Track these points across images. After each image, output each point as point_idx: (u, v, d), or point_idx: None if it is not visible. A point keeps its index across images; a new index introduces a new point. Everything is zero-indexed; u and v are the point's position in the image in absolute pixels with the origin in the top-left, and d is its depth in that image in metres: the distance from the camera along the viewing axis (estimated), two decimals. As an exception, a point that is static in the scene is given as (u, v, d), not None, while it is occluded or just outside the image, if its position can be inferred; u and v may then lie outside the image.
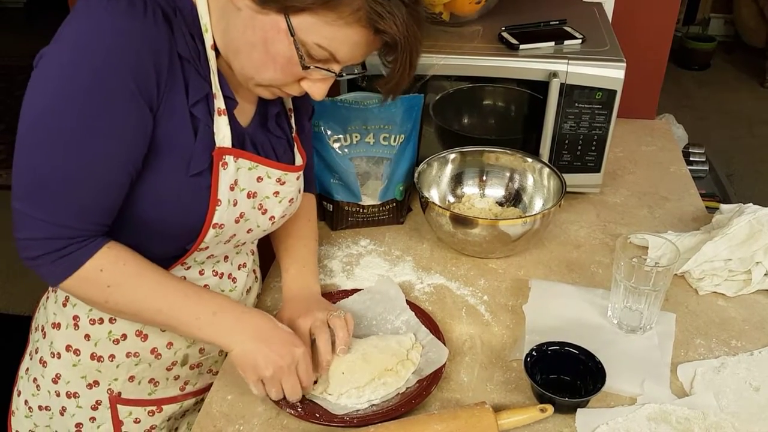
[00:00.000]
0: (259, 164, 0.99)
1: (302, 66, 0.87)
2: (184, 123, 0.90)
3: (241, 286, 1.14)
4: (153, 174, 0.90)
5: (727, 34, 5.01)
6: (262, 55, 0.87)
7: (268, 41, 0.86)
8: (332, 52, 0.87)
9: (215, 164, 0.93)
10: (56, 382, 1.06)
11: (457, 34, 1.45)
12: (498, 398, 1.02)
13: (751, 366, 1.06)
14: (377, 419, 0.96)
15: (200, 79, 0.90)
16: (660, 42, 1.73)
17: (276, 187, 1.03)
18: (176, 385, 1.12)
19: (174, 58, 0.86)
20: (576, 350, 1.02)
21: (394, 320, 1.14)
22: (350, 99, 1.33)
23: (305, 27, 0.84)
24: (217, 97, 0.92)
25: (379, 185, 1.36)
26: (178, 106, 0.88)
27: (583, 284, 1.24)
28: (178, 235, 0.97)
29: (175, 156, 0.90)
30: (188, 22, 0.89)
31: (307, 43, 0.85)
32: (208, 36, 0.90)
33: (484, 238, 1.25)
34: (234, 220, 0.98)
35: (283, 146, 1.06)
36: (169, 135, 0.89)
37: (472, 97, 1.44)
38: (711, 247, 1.22)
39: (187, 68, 0.89)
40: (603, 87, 1.33)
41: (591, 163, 1.43)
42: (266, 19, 0.84)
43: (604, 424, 0.96)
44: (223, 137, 0.93)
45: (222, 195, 0.95)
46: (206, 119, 0.91)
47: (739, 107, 4.24)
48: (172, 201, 0.93)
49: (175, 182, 0.92)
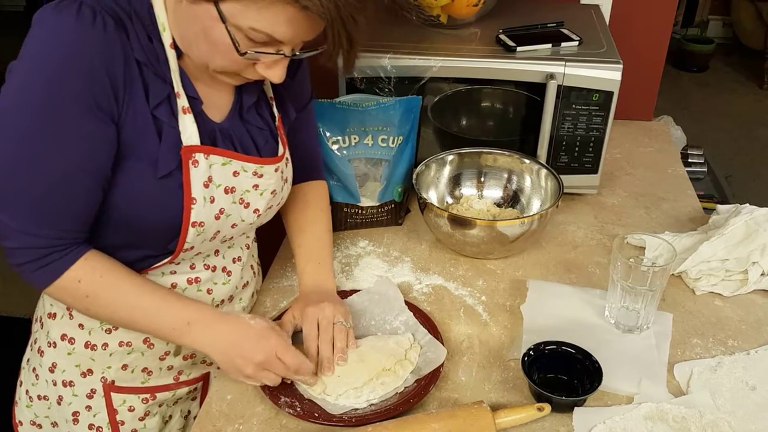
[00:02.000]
0: (233, 159, 0.98)
1: (238, 52, 0.86)
2: (147, 126, 0.90)
3: (236, 279, 1.13)
4: (124, 178, 0.91)
5: (725, 36, 5.03)
6: (206, 45, 0.87)
7: (207, 30, 0.85)
8: (269, 33, 0.85)
9: (185, 163, 0.93)
10: (53, 371, 1.08)
11: (455, 37, 1.46)
12: (496, 397, 1.02)
13: (748, 365, 1.07)
14: (375, 419, 0.97)
15: (160, 81, 0.90)
16: (657, 43, 1.74)
17: (254, 180, 1.02)
18: (170, 375, 1.13)
19: (131, 64, 0.87)
20: (573, 349, 1.03)
21: (392, 320, 1.15)
22: (349, 101, 1.34)
23: (236, 12, 0.83)
24: (181, 96, 0.92)
25: (377, 186, 1.37)
26: (140, 110, 0.89)
27: (580, 284, 1.25)
28: (161, 233, 0.97)
29: (142, 159, 0.91)
30: (145, 24, 0.89)
31: (243, 28, 0.84)
32: (166, 35, 0.90)
33: (482, 238, 1.25)
34: (214, 216, 0.98)
35: (265, 137, 1.05)
36: (134, 140, 0.90)
37: (470, 98, 1.44)
38: (708, 248, 1.23)
39: (146, 72, 0.89)
40: (600, 89, 1.34)
41: (588, 164, 1.43)
42: (200, 9, 0.84)
43: (601, 422, 0.96)
44: (189, 136, 0.93)
45: (196, 193, 0.95)
46: (170, 120, 0.92)
47: (738, 109, 4.25)
48: (147, 202, 0.93)
49: (146, 185, 0.92)
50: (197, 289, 1.07)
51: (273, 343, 0.99)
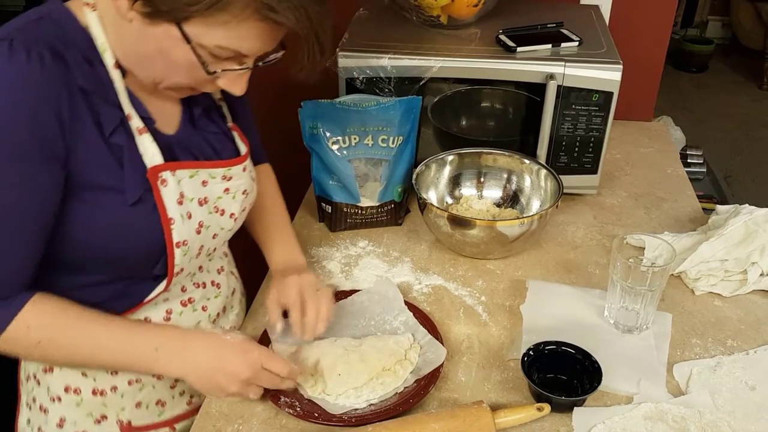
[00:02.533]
0: (199, 168, 0.95)
1: (207, 72, 0.84)
2: (104, 156, 0.86)
3: (225, 289, 1.13)
4: (94, 214, 0.87)
5: (724, 36, 5.03)
6: (162, 65, 0.84)
7: (164, 51, 0.82)
8: (236, 49, 0.83)
9: (154, 185, 0.90)
10: (61, 425, 1.03)
11: (455, 37, 1.46)
12: (495, 397, 1.02)
13: (747, 365, 1.07)
14: (375, 418, 0.97)
15: (109, 106, 0.87)
16: (657, 44, 1.74)
17: (224, 184, 0.99)
18: (183, 401, 1.10)
19: (75, 96, 0.83)
20: (573, 350, 1.03)
21: (392, 321, 1.15)
22: (349, 101, 1.34)
23: (200, 33, 0.80)
24: (133, 118, 0.89)
25: (377, 187, 1.37)
26: (92, 141, 0.85)
27: (580, 285, 1.25)
28: (144, 261, 0.94)
29: (108, 191, 0.87)
30: (82, 48, 0.85)
31: (208, 47, 0.82)
32: (108, 56, 0.86)
33: (482, 239, 1.26)
34: (195, 231, 0.96)
35: (221, 141, 1.02)
36: (92, 173, 0.86)
37: (470, 99, 1.45)
38: (707, 248, 1.23)
39: (94, 100, 0.85)
40: (600, 89, 1.34)
41: (588, 164, 1.44)
42: (158, 30, 0.81)
43: (600, 423, 0.96)
44: (152, 156, 0.89)
45: (172, 212, 0.92)
46: (128, 144, 0.88)
47: (737, 110, 4.26)
48: (124, 233, 0.90)
49: (118, 215, 0.88)
50: (193, 309, 1.06)
51: (256, 356, 0.95)
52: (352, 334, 1.12)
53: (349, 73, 1.37)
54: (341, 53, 1.37)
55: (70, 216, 0.87)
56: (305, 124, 1.32)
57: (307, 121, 1.32)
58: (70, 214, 0.86)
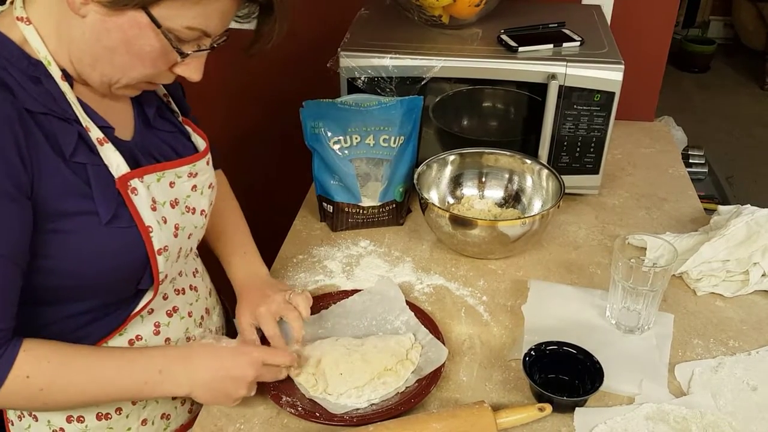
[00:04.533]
0: (165, 170, 0.93)
1: (180, 54, 0.83)
2: (69, 181, 0.82)
3: (203, 291, 1.12)
4: (69, 242, 0.84)
5: (726, 36, 5.03)
6: (125, 57, 0.82)
7: (130, 40, 0.80)
8: (203, 29, 0.82)
9: (125, 195, 0.87)
10: None
11: (457, 37, 1.46)
12: (497, 397, 1.02)
13: (749, 366, 1.07)
14: (377, 418, 0.97)
15: (64, 123, 0.83)
16: (658, 44, 1.74)
17: (191, 181, 0.98)
18: (185, 410, 1.10)
19: (26, 123, 0.79)
20: (574, 350, 1.03)
21: (393, 320, 1.15)
22: (350, 101, 1.34)
23: (170, 15, 0.79)
24: (91, 129, 0.85)
25: (378, 186, 1.37)
26: (53, 168, 0.81)
27: (581, 285, 1.25)
28: (127, 277, 0.92)
29: (79, 216, 0.84)
30: (23, 66, 0.81)
31: (175, 29, 0.80)
32: (53, 68, 0.83)
33: (484, 239, 1.26)
34: (173, 235, 0.93)
35: (178, 139, 1.00)
36: (60, 200, 0.82)
37: (472, 99, 1.45)
38: (709, 248, 1.23)
39: (46, 121, 0.81)
40: (601, 89, 1.34)
41: (589, 164, 1.43)
42: (122, 19, 0.78)
43: (602, 423, 0.96)
44: (117, 165, 0.86)
45: (149, 220, 0.89)
46: (91, 159, 0.85)
47: (739, 110, 4.25)
48: (105, 254, 0.87)
49: (95, 238, 0.85)
50: (180, 317, 1.05)
51: (256, 355, 0.97)
52: (354, 333, 1.12)
53: (351, 72, 1.37)
54: (343, 53, 1.37)
55: (44, 249, 0.83)
56: (307, 123, 1.32)
57: (309, 120, 1.32)
58: (44, 246, 0.83)
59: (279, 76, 1.89)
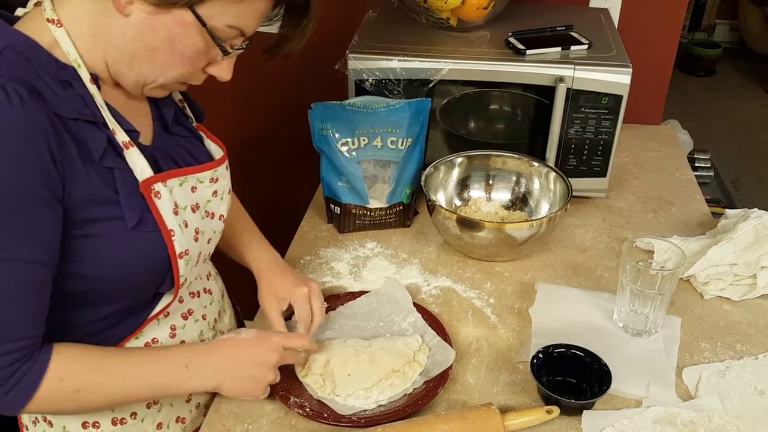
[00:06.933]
0: (187, 175, 0.94)
1: (224, 52, 0.85)
2: (98, 184, 0.83)
3: (216, 293, 1.12)
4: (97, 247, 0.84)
5: (732, 40, 5.02)
6: (167, 55, 0.83)
7: (174, 38, 0.81)
8: (242, 28, 0.84)
9: (149, 199, 0.88)
10: None
11: (465, 40, 1.46)
12: (504, 400, 1.03)
13: (756, 370, 1.07)
14: (384, 419, 0.97)
15: (93, 127, 0.84)
16: (666, 47, 1.74)
17: (212, 187, 0.98)
18: (200, 413, 1.09)
19: (58, 128, 0.79)
20: (582, 353, 1.03)
21: (401, 322, 1.15)
22: (358, 103, 1.34)
23: (214, 13, 0.80)
24: (117, 132, 0.86)
25: (386, 188, 1.37)
26: (83, 173, 0.82)
27: (589, 288, 1.25)
28: (150, 281, 0.93)
29: (107, 221, 0.84)
30: (52, 71, 0.81)
31: (218, 28, 0.82)
32: (82, 71, 0.83)
33: (491, 241, 1.26)
34: (193, 239, 0.94)
35: (194, 144, 1.01)
36: (90, 206, 0.83)
37: (479, 101, 1.45)
38: (716, 252, 1.23)
39: (75, 126, 0.82)
40: (609, 92, 1.34)
41: (597, 167, 1.44)
42: (167, 17, 0.79)
43: (609, 426, 0.96)
44: (142, 169, 0.87)
45: (171, 224, 0.90)
46: (118, 163, 0.86)
47: (745, 113, 4.24)
48: (130, 258, 0.87)
49: (122, 243, 0.86)
50: (194, 320, 1.05)
51: (276, 339, 1.00)
52: (361, 335, 1.12)
53: (359, 74, 1.38)
54: (351, 55, 1.38)
55: (72, 254, 0.83)
56: (315, 125, 1.33)
57: (317, 122, 1.32)
58: (72, 251, 0.83)
59: (287, 79, 1.90)
